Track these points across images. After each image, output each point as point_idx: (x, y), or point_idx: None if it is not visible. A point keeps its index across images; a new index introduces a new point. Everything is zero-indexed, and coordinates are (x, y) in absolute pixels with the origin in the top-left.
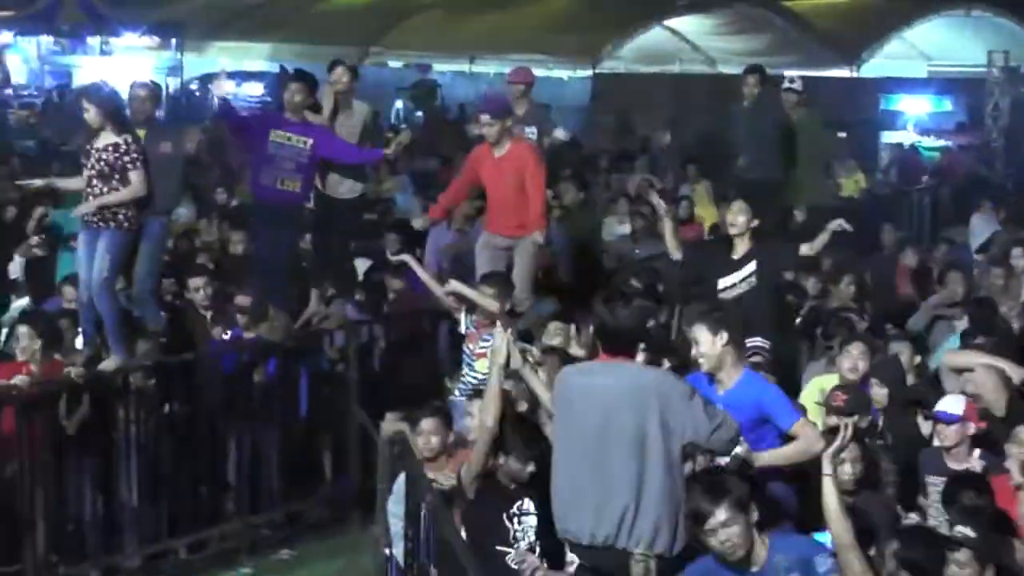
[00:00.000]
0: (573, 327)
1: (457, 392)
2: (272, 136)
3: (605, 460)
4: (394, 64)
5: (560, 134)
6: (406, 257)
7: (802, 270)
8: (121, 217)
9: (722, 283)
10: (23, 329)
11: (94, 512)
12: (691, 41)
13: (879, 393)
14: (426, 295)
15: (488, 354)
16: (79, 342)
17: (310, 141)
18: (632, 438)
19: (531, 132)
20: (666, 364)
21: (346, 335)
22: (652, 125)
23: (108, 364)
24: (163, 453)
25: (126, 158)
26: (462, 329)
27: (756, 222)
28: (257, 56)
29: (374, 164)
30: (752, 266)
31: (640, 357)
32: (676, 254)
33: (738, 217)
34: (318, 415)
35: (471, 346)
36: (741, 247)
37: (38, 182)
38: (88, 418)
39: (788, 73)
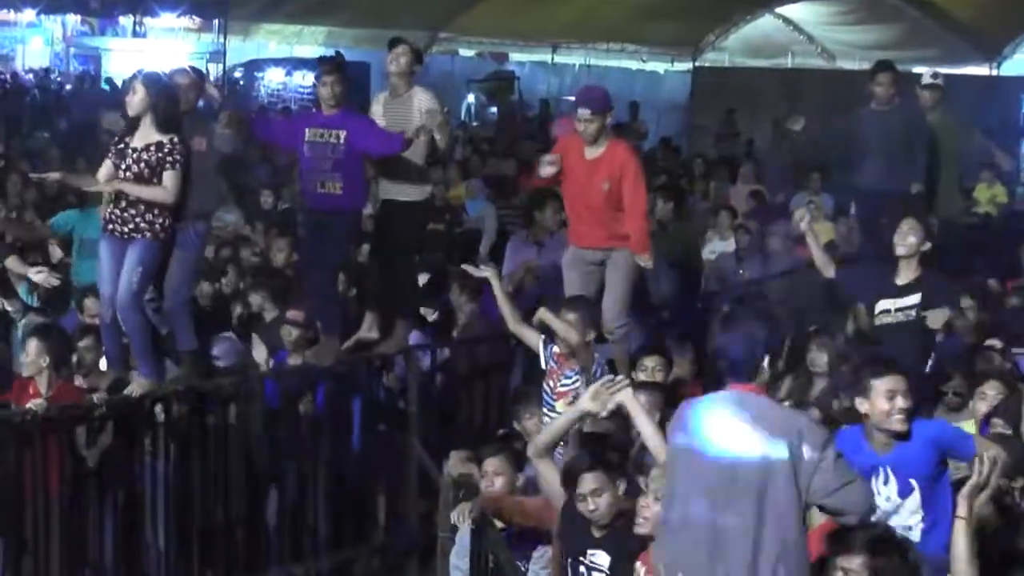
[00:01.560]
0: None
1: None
2: (307, 135)
3: (723, 500)
4: (466, 52)
5: None
6: (489, 272)
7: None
8: (157, 227)
9: (879, 306)
10: (33, 343)
11: (116, 556)
12: (806, 31)
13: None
14: (500, 320)
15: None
16: (103, 363)
17: (343, 134)
18: (753, 479)
19: None
20: None
21: (406, 362)
22: (759, 127)
23: (134, 388)
24: (195, 490)
25: (168, 158)
26: (543, 364)
27: (928, 245)
28: (310, 41)
29: (396, 151)
30: (915, 298)
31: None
32: (828, 271)
33: (908, 238)
34: (372, 452)
35: (551, 383)
36: (908, 272)
37: (53, 175)
38: (111, 449)
39: (919, 69)
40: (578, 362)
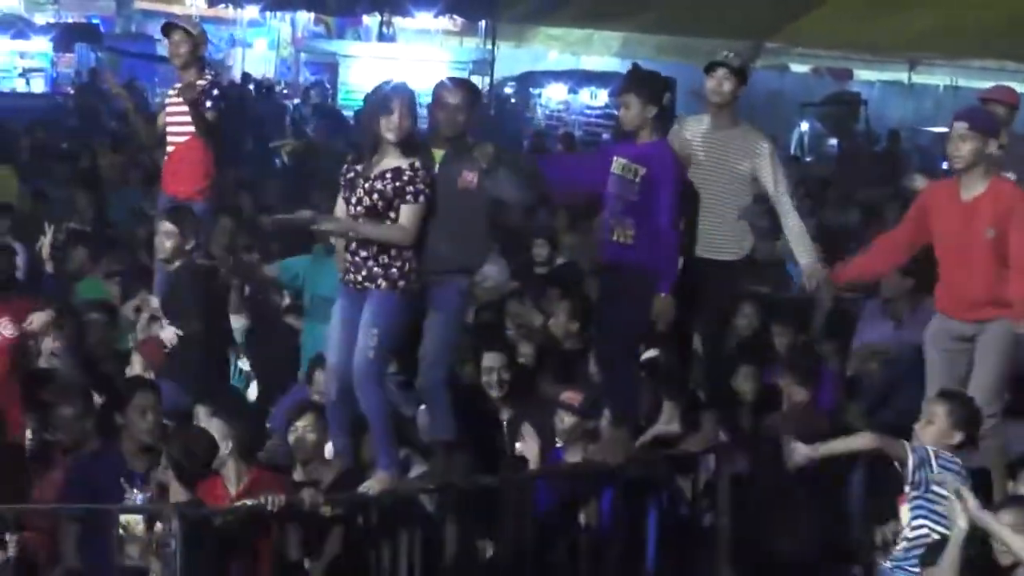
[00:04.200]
0: None
1: (889, 563)
2: (615, 164)
3: None
4: (798, 68)
5: None
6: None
7: None
8: (395, 273)
9: None
10: (213, 425)
11: None
12: None
13: None
14: (833, 413)
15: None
16: (328, 450)
17: (642, 171)
18: None
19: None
20: None
21: (717, 463)
22: None
23: (372, 485)
24: None
25: (408, 188)
26: (911, 476)
27: None
28: (601, 49)
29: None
30: None
31: None
32: None
33: None
34: None
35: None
36: None
37: (306, 215)
38: (340, 562)
39: None
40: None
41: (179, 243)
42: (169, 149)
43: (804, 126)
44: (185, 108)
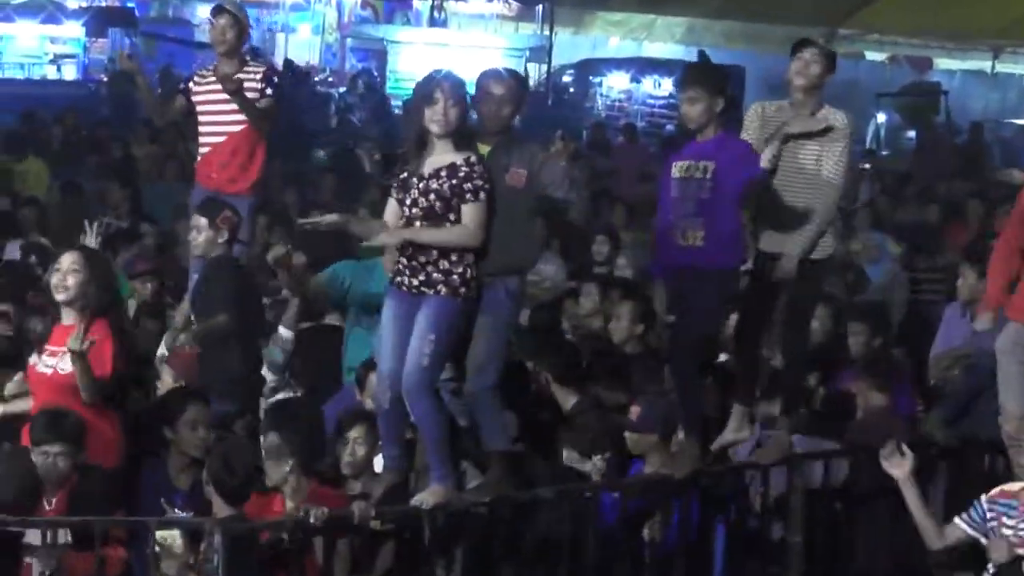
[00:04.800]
0: None
1: None
2: (674, 169)
3: None
4: (874, 56)
5: None
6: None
7: None
8: (456, 279)
9: None
10: (272, 439)
11: None
12: None
13: None
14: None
15: None
16: (378, 463)
17: (711, 166)
18: None
19: None
20: None
21: (789, 477)
22: None
23: (425, 498)
24: None
25: (467, 185)
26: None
27: None
28: (664, 36)
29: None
30: None
31: None
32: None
33: None
34: None
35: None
36: None
37: (330, 218)
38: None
39: None
40: None
41: (211, 237)
42: (215, 140)
43: (881, 118)
44: (226, 96)
